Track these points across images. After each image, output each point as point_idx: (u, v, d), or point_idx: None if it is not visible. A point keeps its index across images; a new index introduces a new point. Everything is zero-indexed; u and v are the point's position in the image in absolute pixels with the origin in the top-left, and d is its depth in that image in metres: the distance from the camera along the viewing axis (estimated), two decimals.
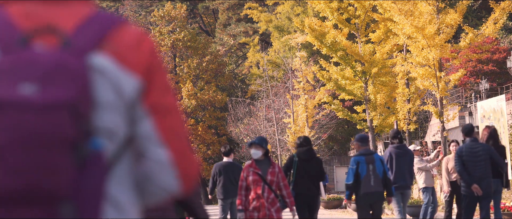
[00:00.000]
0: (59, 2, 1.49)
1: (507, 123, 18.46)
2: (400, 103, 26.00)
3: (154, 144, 1.47)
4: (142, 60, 1.48)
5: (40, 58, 1.37)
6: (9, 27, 1.44)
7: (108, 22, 1.48)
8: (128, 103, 1.46)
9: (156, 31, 48.60)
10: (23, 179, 1.32)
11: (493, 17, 21.13)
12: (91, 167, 1.37)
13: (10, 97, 1.33)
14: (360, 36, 27.23)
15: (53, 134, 1.33)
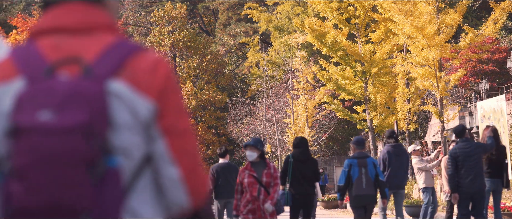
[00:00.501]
0: (85, 33, 1.64)
1: (507, 123, 18.45)
2: (400, 103, 26.00)
3: (166, 162, 1.61)
4: (157, 85, 1.62)
5: (59, 87, 1.54)
6: (37, 60, 1.61)
7: (127, 50, 1.63)
8: (144, 124, 1.60)
9: (156, 31, 48.60)
10: (45, 195, 1.49)
11: (493, 17, 21.13)
12: (108, 182, 1.53)
13: (30, 123, 1.51)
14: (360, 36, 27.23)
15: (69, 154, 1.50)
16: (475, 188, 9.99)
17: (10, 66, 1.63)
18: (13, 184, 1.52)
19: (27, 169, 1.50)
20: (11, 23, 18.80)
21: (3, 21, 37.40)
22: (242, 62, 57.89)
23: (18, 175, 1.51)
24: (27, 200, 1.50)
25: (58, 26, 1.66)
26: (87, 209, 1.51)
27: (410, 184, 23.17)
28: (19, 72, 1.61)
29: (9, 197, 1.52)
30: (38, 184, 1.50)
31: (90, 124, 1.52)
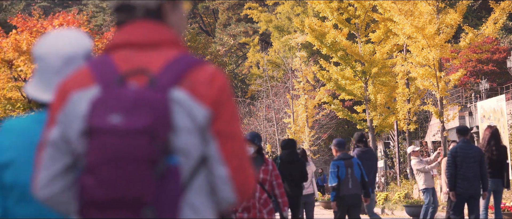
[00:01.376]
0: (152, 48, 1.88)
1: (507, 123, 18.45)
2: (400, 103, 25.99)
3: (217, 162, 1.83)
4: (212, 95, 1.84)
5: (128, 94, 1.76)
6: (111, 70, 1.84)
7: (188, 64, 1.86)
8: (200, 128, 1.82)
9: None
10: (113, 189, 1.70)
11: (493, 17, 21.12)
12: (169, 178, 1.73)
13: (101, 125, 1.73)
14: (360, 36, 27.23)
15: (135, 153, 1.71)
16: (472, 191, 10.06)
17: (87, 75, 1.87)
18: (86, 178, 1.73)
19: (98, 165, 1.72)
20: (11, 23, 18.82)
21: (3, 21, 37.41)
22: (242, 62, 57.90)
23: (90, 170, 1.73)
24: (97, 193, 1.71)
25: (129, 41, 1.89)
26: (150, 203, 1.71)
27: (410, 184, 23.17)
28: (95, 80, 1.84)
29: (82, 190, 1.74)
30: (107, 179, 1.71)
31: (154, 127, 1.73)
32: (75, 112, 1.83)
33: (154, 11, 1.93)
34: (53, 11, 36.56)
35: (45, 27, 18.31)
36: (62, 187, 1.85)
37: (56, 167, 1.85)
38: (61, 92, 1.88)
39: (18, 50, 17.51)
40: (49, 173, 1.85)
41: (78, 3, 64.19)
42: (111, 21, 55.92)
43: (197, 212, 1.81)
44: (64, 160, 1.85)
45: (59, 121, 1.86)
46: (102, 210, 1.72)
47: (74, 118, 1.83)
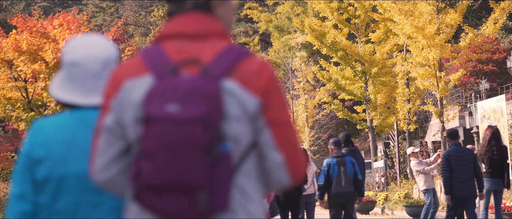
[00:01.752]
0: (202, 38, 1.96)
1: (507, 123, 18.45)
2: (400, 103, 25.98)
3: (271, 148, 1.92)
4: (261, 85, 1.92)
5: (183, 84, 1.84)
6: (163, 59, 1.92)
7: (238, 55, 1.93)
8: (251, 117, 1.91)
9: (156, 31, 48.55)
10: (169, 173, 1.80)
11: (493, 17, 21.13)
12: (221, 164, 1.83)
13: (159, 113, 1.82)
14: (360, 36, 27.23)
15: (190, 140, 1.80)
16: (467, 192, 10.21)
17: (140, 64, 1.95)
18: (142, 163, 1.82)
19: (156, 151, 1.81)
20: (11, 23, 18.79)
21: (3, 21, 37.41)
22: None
23: (147, 156, 1.82)
24: (153, 177, 1.81)
25: (180, 32, 1.98)
26: (203, 187, 1.81)
27: (410, 184, 23.17)
28: (148, 69, 1.92)
29: (138, 174, 1.83)
30: (163, 164, 1.81)
31: (208, 116, 1.82)
32: (129, 99, 1.92)
33: (203, 3, 2.01)
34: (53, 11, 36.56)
35: (45, 27, 18.30)
36: (117, 171, 1.96)
37: (111, 152, 1.96)
38: (114, 80, 1.97)
39: (18, 50, 17.49)
40: (105, 158, 1.96)
41: (78, 3, 64.19)
42: (111, 21, 55.96)
43: (245, 195, 1.92)
44: (119, 145, 1.95)
45: (113, 108, 1.95)
46: (158, 193, 1.82)
47: (128, 105, 1.92)
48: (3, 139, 35.77)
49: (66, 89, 2.46)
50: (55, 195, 2.35)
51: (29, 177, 2.40)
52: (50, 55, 17.40)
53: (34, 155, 2.39)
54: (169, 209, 1.83)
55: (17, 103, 18.28)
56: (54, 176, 2.35)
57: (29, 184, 2.40)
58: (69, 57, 2.45)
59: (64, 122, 2.43)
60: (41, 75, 17.59)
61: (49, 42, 17.56)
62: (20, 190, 2.40)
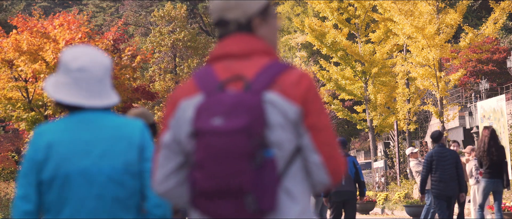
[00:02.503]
0: (246, 57, 2.18)
1: (507, 123, 18.46)
2: (400, 103, 25.99)
3: (311, 151, 2.12)
4: (300, 94, 2.12)
5: (227, 99, 2.06)
6: (212, 78, 2.15)
7: (278, 69, 2.15)
8: (293, 123, 2.11)
9: (156, 31, 48.59)
10: (218, 180, 2.01)
11: (493, 17, 21.14)
12: (266, 169, 2.02)
13: (205, 127, 2.04)
14: (360, 36, 27.24)
15: (235, 149, 2.00)
16: (450, 192, 10.50)
17: (193, 84, 2.19)
18: (196, 173, 2.04)
19: (205, 161, 2.02)
20: (11, 23, 18.79)
21: (3, 21, 37.41)
22: None
23: (199, 166, 2.04)
24: (205, 184, 2.02)
25: (227, 52, 2.20)
26: (250, 191, 2.00)
27: (410, 184, 23.18)
28: (199, 89, 2.16)
29: (193, 183, 2.06)
30: (212, 172, 2.02)
31: (250, 126, 2.02)
32: (184, 117, 2.16)
33: (244, 25, 2.23)
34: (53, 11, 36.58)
35: (46, 27, 18.30)
36: (176, 183, 2.18)
37: (170, 165, 2.18)
38: (172, 101, 2.22)
39: (18, 50, 17.49)
40: (165, 171, 2.18)
41: (78, 3, 64.20)
42: (112, 21, 55.96)
43: (292, 196, 2.11)
44: (177, 159, 2.18)
45: (171, 126, 2.19)
46: (211, 199, 2.04)
47: (183, 122, 2.16)
48: (4, 139, 35.77)
49: (71, 93, 2.71)
50: (62, 191, 2.65)
51: (33, 179, 2.67)
52: (50, 55, 17.41)
53: (37, 158, 2.67)
54: (221, 212, 2.04)
55: (18, 103, 18.29)
56: (59, 174, 2.65)
57: (33, 186, 2.68)
58: (76, 63, 2.72)
59: (66, 125, 2.72)
60: (42, 75, 17.60)
61: (49, 42, 17.58)
62: (24, 191, 2.68)
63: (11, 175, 34.09)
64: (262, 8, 2.26)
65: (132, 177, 2.73)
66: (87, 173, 2.66)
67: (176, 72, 48.86)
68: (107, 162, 2.70)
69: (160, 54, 48.19)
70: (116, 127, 2.76)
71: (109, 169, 2.70)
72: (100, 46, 19.43)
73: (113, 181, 2.70)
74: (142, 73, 47.24)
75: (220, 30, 2.26)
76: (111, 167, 2.70)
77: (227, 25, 2.24)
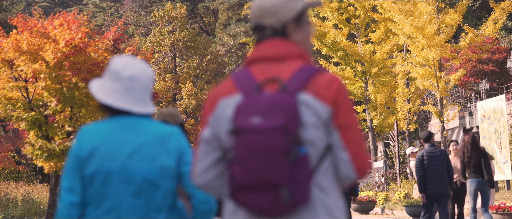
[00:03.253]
0: (282, 60, 2.36)
1: (507, 123, 18.45)
2: (400, 103, 25.99)
3: (340, 148, 2.29)
4: (331, 96, 2.29)
5: (264, 99, 2.24)
6: (250, 80, 2.34)
7: (311, 72, 2.33)
8: (325, 123, 2.28)
9: (156, 31, 48.58)
10: (256, 175, 2.18)
11: (493, 17, 21.14)
12: (300, 165, 2.19)
13: (245, 125, 2.21)
14: (360, 36, 27.24)
15: (272, 146, 2.17)
16: (440, 191, 10.75)
17: (231, 85, 2.37)
18: (235, 167, 2.21)
19: (244, 157, 2.19)
20: (11, 23, 18.78)
21: (4, 21, 37.41)
22: (242, 62, 57.92)
23: (238, 161, 2.21)
24: (243, 178, 2.20)
25: (263, 56, 2.38)
26: (285, 184, 2.17)
27: (410, 184, 23.18)
28: (237, 89, 2.34)
29: (232, 177, 2.22)
30: (251, 167, 2.19)
31: (286, 125, 2.18)
32: (223, 115, 2.34)
33: (279, 30, 2.40)
34: (54, 11, 36.58)
35: (46, 27, 18.29)
36: (214, 175, 2.36)
37: (209, 159, 2.36)
38: (212, 100, 2.41)
39: (18, 50, 17.48)
40: (204, 164, 2.37)
41: (78, 3, 64.20)
42: (112, 21, 55.95)
43: (323, 190, 2.29)
44: (215, 154, 2.36)
45: (210, 123, 2.38)
46: (249, 192, 2.21)
47: (222, 120, 2.33)
48: (4, 138, 35.76)
49: (121, 99, 3.00)
50: (102, 186, 2.93)
51: (77, 173, 2.95)
52: (50, 55, 17.41)
53: (81, 155, 2.95)
54: (258, 204, 2.21)
55: (18, 103, 18.28)
56: (101, 171, 2.94)
57: (78, 180, 2.95)
58: (127, 72, 3.01)
59: (109, 127, 3.00)
60: (42, 75, 17.59)
61: (49, 42, 17.57)
62: (70, 184, 2.95)
63: (11, 175, 34.09)
64: (296, 15, 2.43)
65: (167, 179, 2.99)
66: (126, 173, 2.93)
67: (176, 72, 48.86)
68: (145, 164, 2.95)
69: (160, 54, 48.17)
70: (156, 132, 3.01)
71: (146, 170, 2.94)
72: (100, 46, 19.42)
73: (149, 182, 2.95)
74: None
75: (257, 35, 2.45)
76: (148, 169, 2.95)
77: (263, 30, 2.42)
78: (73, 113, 18.44)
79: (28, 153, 18.35)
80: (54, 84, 17.74)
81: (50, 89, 17.79)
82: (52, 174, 18.61)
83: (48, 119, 18.44)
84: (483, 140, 18.75)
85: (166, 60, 48.65)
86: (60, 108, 18.04)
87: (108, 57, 19.27)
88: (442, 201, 10.87)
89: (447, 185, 10.81)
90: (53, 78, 17.65)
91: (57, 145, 17.62)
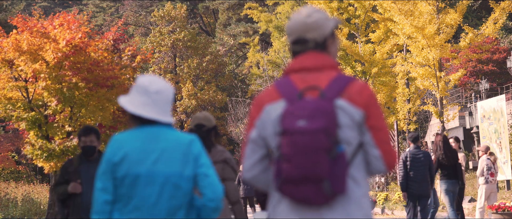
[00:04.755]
0: (319, 71, 2.74)
1: (507, 123, 18.45)
2: (400, 103, 25.98)
3: (372, 146, 2.72)
4: (363, 101, 2.70)
5: (308, 105, 2.61)
6: (292, 88, 2.72)
7: (345, 80, 2.71)
8: (358, 124, 2.68)
9: (156, 31, 48.56)
10: (302, 169, 2.57)
11: (493, 17, 21.13)
12: (338, 161, 2.58)
13: (292, 127, 2.59)
14: (360, 36, 27.23)
15: (315, 145, 2.56)
16: (421, 191, 11.08)
17: (275, 92, 2.75)
18: (282, 164, 2.60)
19: (292, 154, 2.57)
20: (11, 23, 18.77)
21: (3, 21, 37.39)
22: (242, 62, 57.93)
23: (285, 158, 2.58)
24: (291, 173, 2.58)
25: (302, 66, 2.75)
26: (326, 177, 2.57)
27: None
28: (281, 96, 2.72)
29: (279, 171, 2.61)
30: (298, 163, 2.57)
31: (327, 127, 2.57)
32: (269, 118, 2.72)
33: (320, 43, 2.77)
34: (54, 11, 36.56)
35: (46, 27, 18.28)
36: (260, 170, 2.77)
37: (256, 156, 2.77)
38: (258, 105, 2.79)
39: (18, 50, 17.47)
40: (251, 161, 2.78)
41: (78, 3, 64.17)
42: (112, 21, 55.90)
43: (356, 182, 2.68)
44: (261, 152, 2.76)
45: (257, 125, 2.76)
46: (295, 185, 2.59)
47: (268, 122, 2.72)
48: (4, 138, 35.74)
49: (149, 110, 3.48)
50: (130, 187, 3.40)
51: (110, 176, 3.43)
52: (50, 55, 17.40)
53: (113, 160, 3.43)
54: (303, 195, 2.59)
55: (18, 103, 18.27)
56: (130, 174, 3.40)
57: (110, 181, 3.42)
58: (154, 87, 3.50)
59: (137, 136, 3.47)
60: (42, 75, 17.59)
61: (49, 42, 17.56)
62: (103, 185, 3.43)
63: (11, 175, 34.07)
64: (332, 29, 2.79)
65: (185, 181, 3.43)
66: (151, 175, 3.39)
67: (176, 72, 48.84)
68: (167, 167, 3.41)
69: (160, 54, 48.14)
70: (176, 140, 3.48)
71: (169, 173, 3.40)
72: (100, 46, 19.42)
73: (170, 183, 3.39)
74: (142, 73, 47.18)
75: (297, 48, 2.80)
76: (170, 171, 3.40)
77: (306, 43, 2.78)
78: (73, 113, 18.44)
79: (28, 153, 18.35)
80: (54, 84, 17.74)
81: (50, 89, 17.79)
82: (52, 174, 18.62)
83: (48, 119, 18.44)
84: (483, 140, 18.75)
85: (166, 60, 48.62)
86: (60, 108, 18.04)
87: (108, 57, 19.27)
88: (422, 201, 11.16)
89: (428, 186, 11.13)
90: (53, 78, 17.64)
91: (57, 145, 17.62)
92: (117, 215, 3.43)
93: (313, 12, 2.79)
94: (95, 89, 18.27)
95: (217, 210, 3.52)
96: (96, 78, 18.20)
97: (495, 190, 14.11)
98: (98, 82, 18.23)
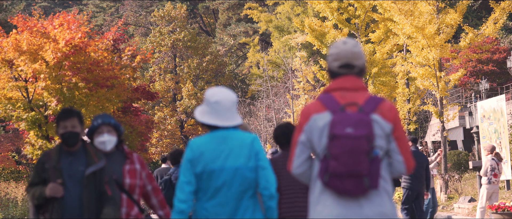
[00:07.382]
0: (356, 91, 3.52)
1: (507, 123, 18.45)
2: (400, 103, 25.98)
3: (396, 153, 3.53)
4: (392, 117, 3.51)
5: (352, 116, 3.40)
6: (334, 103, 3.49)
7: (378, 100, 3.51)
8: (387, 135, 3.50)
9: (156, 31, 48.55)
10: (348, 167, 3.35)
11: (493, 17, 21.12)
12: (374, 162, 3.39)
13: (341, 133, 3.37)
14: (360, 36, 27.23)
15: (359, 148, 3.35)
16: (419, 188, 11.75)
17: (320, 105, 3.51)
18: (330, 162, 3.37)
19: (340, 155, 3.35)
20: (11, 22, 18.77)
21: (4, 21, 37.39)
22: (242, 62, 57.93)
23: (334, 158, 3.36)
24: (338, 169, 3.36)
25: (343, 87, 3.54)
26: (366, 174, 3.36)
27: None
28: (326, 108, 3.49)
29: (327, 168, 3.39)
30: (344, 162, 3.35)
31: (368, 135, 3.37)
32: (316, 125, 3.49)
33: (362, 70, 3.59)
34: (54, 11, 36.56)
35: (46, 27, 18.27)
36: (306, 168, 3.56)
37: (303, 156, 3.56)
38: (305, 114, 3.54)
39: (18, 50, 17.46)
40: (300, 160, 3.56)
41: (78, 3, 64.17)
42: (112, 21, 55.88)
43: (385, 180, 3.48)
44: (307, 152, 3.55)
45: (305, 130, 3.52)
46: (341, 179, 3.37)
47: (315, 129, 3.49)
48: (4, 138, 35.74)
49: (210, 117, 4.35)
50: (207, 181, 4.31)
51: (191, 172, 4.30)
52: (50, 55, 17.39)
53: (193, 158, 4.32)
54: (346, 188, 3.36)
55: (18, 103, 18.27)
56: (207, 170, 4.30)
57: (192, 176, 4.30)
58: (214, 98, 4.34)
59: (211, 139, 4.35)
60: (42, 75, 17.59)
61: (49, 42, 17.56)
62: (188, 178, 4.31)
63: (11, 175, 34.07)
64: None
65: (250, 171, 4.31)
66: (223, 170, 4.29)
67: (176, 72, 48.85)
68: (236, 162, 4.30)
69: (160, 54, 48.14)
70: (241, 139, 4.35)
71: (236, 166, 4.29)
72: (100, 46, 19.41)
73: (239, 174, 4.29)
74: (142, 73, 47.20)
75: (343, 71, 3.56)
76: (239, 165, 4.29)
77: (353, 68, 3.56)
78: None
79: (28, 153, 18.35)
80: (54, 84, 17.74)
81: (50, 89, 17.78)
82: None
83: (48, 119, 18.43)
84: (483, 139, 18.75)
85: (166, 60, 48.62)
86: (60, 108, 18.03)
87: (108, 57, 19.28)
88: (419, 198, 11.82)
89: (423, 184, 11.80)
90: (53, 78, 17.64)
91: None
92: (198, 203, 4.31)
93: (356, 43, 3.58)
94: (95, 89, 18.28)
95: (272, 197, 4.33)
96: (96, 78, 18.21)
97: (497, 190, 14.11)
98: (98, 82, 18.24)
